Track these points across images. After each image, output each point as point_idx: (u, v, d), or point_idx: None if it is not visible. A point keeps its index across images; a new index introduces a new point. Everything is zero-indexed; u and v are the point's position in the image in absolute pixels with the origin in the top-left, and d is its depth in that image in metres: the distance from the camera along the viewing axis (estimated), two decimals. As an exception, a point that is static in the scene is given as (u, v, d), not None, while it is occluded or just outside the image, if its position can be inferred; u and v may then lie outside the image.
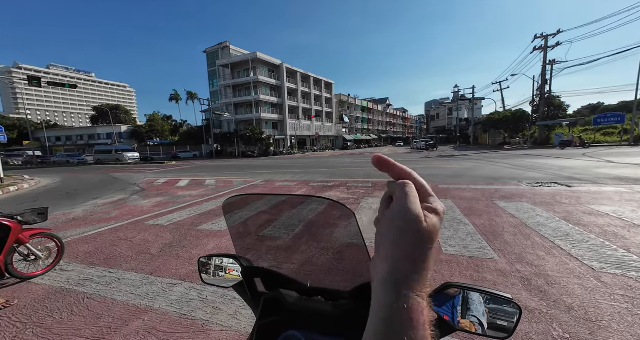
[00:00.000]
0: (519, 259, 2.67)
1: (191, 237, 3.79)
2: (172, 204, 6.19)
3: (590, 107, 63.06)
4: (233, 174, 12.53)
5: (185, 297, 2.25)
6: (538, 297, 2.00)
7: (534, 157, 14.51)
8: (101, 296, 2.33)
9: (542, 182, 6.88)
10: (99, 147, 33.77)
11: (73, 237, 3.99)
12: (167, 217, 4.97)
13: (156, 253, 3.26)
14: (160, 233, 4.05)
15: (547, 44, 27.29)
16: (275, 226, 1.04)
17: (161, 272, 2.75)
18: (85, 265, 2.99)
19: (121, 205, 6.44)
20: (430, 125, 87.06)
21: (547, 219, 3.84)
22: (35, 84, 16.12)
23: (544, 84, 28.49)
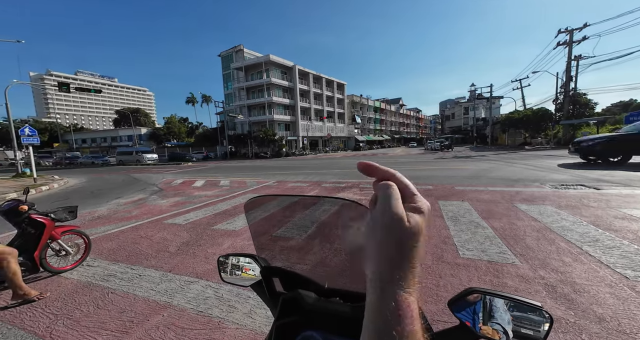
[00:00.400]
0: (543, 264, 2.54)
1: (207, 236, 3.89)
2: (188, 204, 6.39)
3: (622, 105, 59.14)
4: (246, 175, 12.76)
5: (202, 294, 2.31)
6: (565, 306, 1.90)
7: (558, 158, 13.79)
8: (124, 291, 2.43)
9: (567, 184, 6.52)
10: (120, 149, 35.43)
11: (98, 235, 4.20)
12: (184, 217, 5.13)
13: (174, 251, 3.38)
14: (178, 232, 4.19)
15: (572, 38, 25.91)
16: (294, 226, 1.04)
17: (179, 269, 2.84)
18: (109, 262, 3.14)
19: (141, 204, 6.72)
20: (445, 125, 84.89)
21: (574, 223, 3.63)
22: (64, 89, 17.17)
23: (569, 80, 27.04)
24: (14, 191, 9.01)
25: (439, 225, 3.88)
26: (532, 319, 0.56)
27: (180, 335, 1.81)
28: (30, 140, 13.37)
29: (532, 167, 10.26)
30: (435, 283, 2.32)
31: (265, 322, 1.90)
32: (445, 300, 2.05)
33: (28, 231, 2.62)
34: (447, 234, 3.47)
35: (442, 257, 2.83)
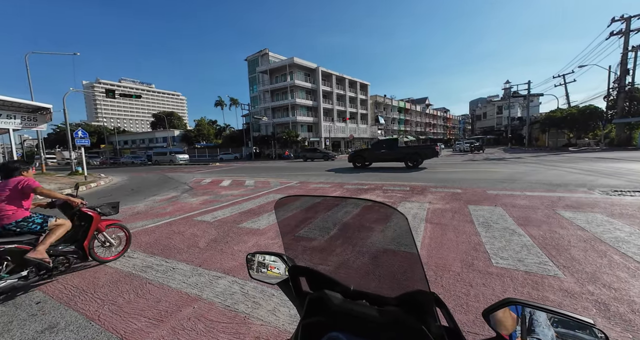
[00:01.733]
0: (592, 279, 2.29)
1: (233, 234, 4.05)
2: (216, 202, 6.71)
3: (690, 100, 51.42)
4: (270, 175, 13.10)
5: (228, 289, 2.41)
6: (620, 327, 1.69)
7: (610, 161, 12.35)
8: (159, 283, 2.61)
9: (622, 190, 5.82)
10: (156, 150, 38.31)
11: (137, 229, 4.56)
12: (212, 214, 5.39)
13: (203, 247, 3.56)
14: (207, 229, 4.41)
15: (629, 26, 23.13)
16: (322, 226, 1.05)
17: (208, 264, 2.99)
18: (147, 254, 3.40)
19: (174, 202, 7.19)
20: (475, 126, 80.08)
21: (630, 234, 3.23)
22: (110, 95, 18.96)
23: (624, 74, 24.15)
24: (69, 187, 10.12)
25: (469, 231, 3.67)
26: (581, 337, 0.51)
27: (210, 327, 1.91)
28: (83, 142, 14.93)
29: (578, 171, 9.30)
30: (465, 292, 2.19)
31: (289, 320, 1.93)
32: (476, 310, 1.93)
33: (79, 223, 2.93)
34: (477, 241, 3.27)
35: (473, 264, 2.67)
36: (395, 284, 0.71)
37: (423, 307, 0.61)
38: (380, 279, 0.80)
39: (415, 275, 0.62)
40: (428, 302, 0.61)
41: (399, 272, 0.73)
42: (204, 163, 31.00)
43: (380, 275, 0.80)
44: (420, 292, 0.62)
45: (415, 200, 5.82)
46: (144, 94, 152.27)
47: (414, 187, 7.46)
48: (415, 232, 3.73)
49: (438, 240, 3.36)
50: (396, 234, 0.75)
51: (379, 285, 0.79)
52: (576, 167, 10.57)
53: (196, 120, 62.09)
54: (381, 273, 0.81)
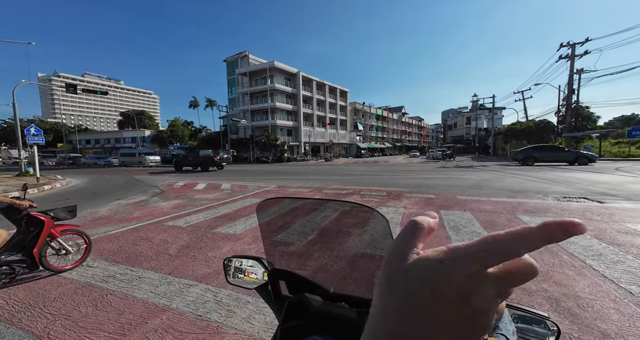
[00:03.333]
0: (546, 277, 2.51)
1: (207, 240, 3.88)
2: (189, 207, 6.39)
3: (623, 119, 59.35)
4: (247, 179, 12.78)
5: (201, 298, 2.29)
6: (568, 320, 1.87)
7: (561, 170, 13.74)
8: (123, 293, 2.42)
9: (571, 196, 6.49)
10: (123, 150, 35.75)
11: (98, 235, 4.20)
12: (184, 219, 5.12)
13: (174, 254, 3.36)
14: (179, 234, 4.18)
15: (574, 52, 26.21)
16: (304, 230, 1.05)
17: (179, 272, 2.82)
18: (109, 263, 3.13)
19: (142, 206, 6.73)
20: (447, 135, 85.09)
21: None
22: (71, 90, 17.44)
23: (571, 93, 27.21)
24: (16, 190, 9.05)
25: (441, 235, 3.86)
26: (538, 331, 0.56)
27: (179, 338, 1.79)
28: (36, 139, 13.51)
29: (535, 179, 10.23)
30: (436, 293, 2.29)
31: (264, 328, 1.88)
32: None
33: (26, 229, 2.63)
34: (448, 244, 3.44)
35: (444, 267, 2.80)
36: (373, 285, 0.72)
37: None
38: (359, 281, 0.81)
39: None
40: None
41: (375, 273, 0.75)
42: (176, 165, 29.42)
43: (359, 278, 0.82)
44: None
45: (392, 205, 6.01)
46: (111, 91, 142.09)
47: (390, 192, 7.71)
48: (391, 236, 3.84)
49: (412, 244, 3.49)
50: (377, 236, 0.77)
51: (359, 287, 0.81)
52: (533, 175, 11.61)
53: (169, 121, 59.10)
54: (360, 275, 0.83)
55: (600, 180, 9.38)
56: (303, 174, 15.46)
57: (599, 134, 25.92)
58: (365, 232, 0.81)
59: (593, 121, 29.30)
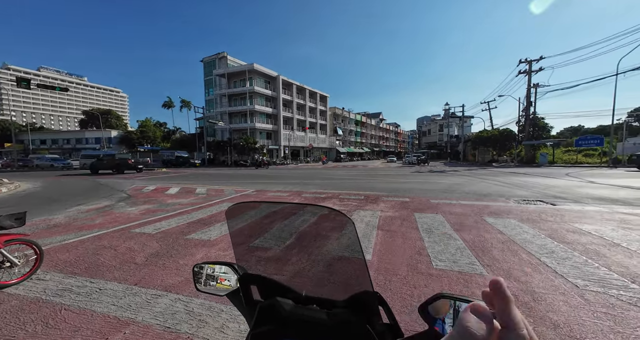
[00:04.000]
0: (507, 274, 2.71)
1: (179, 247, 3.69)
2: (160, 212, 6.04)
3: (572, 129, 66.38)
4: (224, 183, 12.38)
5: (170, 309, 2.17)
6: (525, 314, 2.03)
7: (521, 175, 14.98)
8: (80, 307, 2.21)
9: (529, 199, 7.09)
10: (85, 152, 32.93)
11: (53, 245, 3.81)
12: (154, 226, 4.83)
13: (141, 262, 3.15)
14: (147, 241, 3.93)
15: (531, 68, 28.97)
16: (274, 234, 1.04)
17: (146, 282, 2.65)
18: (65, 275, 2.85)
19: (106, 212, 6.23)
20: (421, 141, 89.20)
21: (533, 236, 3.94)
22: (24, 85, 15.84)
23: (529, 105, 29.95)
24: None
25: (414, 236, 4.01)
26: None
27: (144, 354, 1.68)
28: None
29: (499, 183, 11.05)
30: (409, 293, 2.38)
31: (238, 336, 1.82)
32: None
33: None
34: (421, 246, 3.60)
35: (417, 268, 2.92)
36: (345, 287, 0.74)
37: (368, 307, 0.66)
38: (331, 283, 0.83)
39: (362, 277, 0.67)
40: (372, 302, 0.66)
41: (348, 276, 0.77)
42: (147, 168, 27.72)
43: (331, 281, 0.84)
44: (366, 293, 0.66)
45: (369, 208, 6.15)
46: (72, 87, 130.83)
47: (368, 196, 7.89)
48: (368, 239, 3.93)
49: (388, 246, 3.60)
50: (346, 239, 0.79)
51: (330, 289, 0.83)
52: (497, 180, 12.54)
53: (140, 121, 55.69)
54: (333, 278, 0.84)
55: (553, 184, 10.38)
56: (282, 177, 15.30)
57: (552, 143, 28.74)
58: (337, 235, 0.83)
59: (547, 131, 32.44)
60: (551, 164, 26.48)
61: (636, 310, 2.05)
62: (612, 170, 18.70)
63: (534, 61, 28.61)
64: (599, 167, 22.30)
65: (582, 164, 25.74)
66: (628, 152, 23.76)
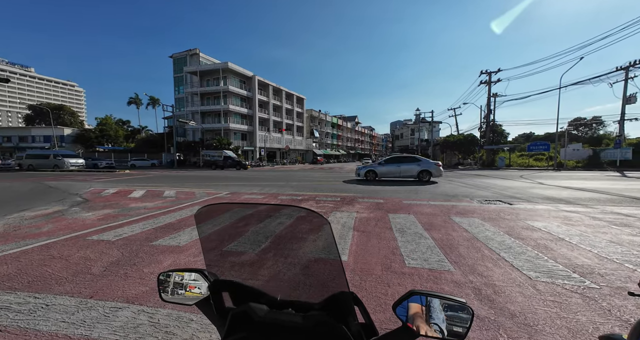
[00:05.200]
0: (472, 270, 2.91)
1: (144, 254, 3.42)
2: (122, 217, 5.56)
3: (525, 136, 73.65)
4: (196, 185, 11.78)
5: (132, 322, 1.99)
6: (487, 306, 2.19)
7: (483, 177, 16.24)
8: (20, 327, 1.95)
9: (489, 199, 7.70)
10: (31, 151, 29.34)
11: (-12, 256, 3.32)
12: (115, 232, 4.43)
13: (99, 273, 2.87)
14: (106, 249, 3.59)
15: (490, 79, 31.70)
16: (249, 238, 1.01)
17: (104, 294, 2.41)
18: (1, 291, 2.49)
19: (56, 218, 5.59)
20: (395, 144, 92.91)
21: (494, 233, 4.28)
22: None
23: (489, 113, 32.69)
24: None
25: (388, 236, 4.15)
26: (462, 316, 0.65)
27: (100, 375, 1.52)
28: None
29: (464, 185, 11.86)
30: (384, 292, 2.44)
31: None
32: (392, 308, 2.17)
33: None
34: (395, 245, 3.73)
35: (391, 267, 3.01)
36: (321, 289, 0.74)
37: (344, 308, 0.66)
38: (307, 286, 0.82)
39: (338, 278, 0.67)
40: (348, 302, 0.66)
41: (324, 277, 0.77)
42: (107, 170, 25.47)
43: (307, 283, 0.83)
44: (342, 293, 0.67)
45: (345, 210, 6.24)
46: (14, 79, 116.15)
47: (344, 198, 8.00)
48: (344, 240, 3.98)
49: (363, 247, 3.67)
50: (322, 241, 0.79)
51: (306, 292, 0.82)
52: (463, 181, 13.47)
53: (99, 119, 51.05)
54: (309, 281, 0.83)
55: (510, 186, 11.40)
56: (258, 179, 14.96)
57: (508, 148, 31.66)
58: (309, 236, 0.82)
59: (505, 137, 35.67)
60: (508, 166, 29.10)
61: (577, 297, 2.32)
62: (558, 172, 21.06)
63: (493, 73, 31.37)
64: (547, 169, 25.00)
65: (533, 167, 28.65)
66: (569, 157, 26.96)
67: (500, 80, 31.22)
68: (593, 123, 54.79)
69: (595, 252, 3.40)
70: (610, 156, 25.51)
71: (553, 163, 26.68)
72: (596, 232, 4.34)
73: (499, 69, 30.90)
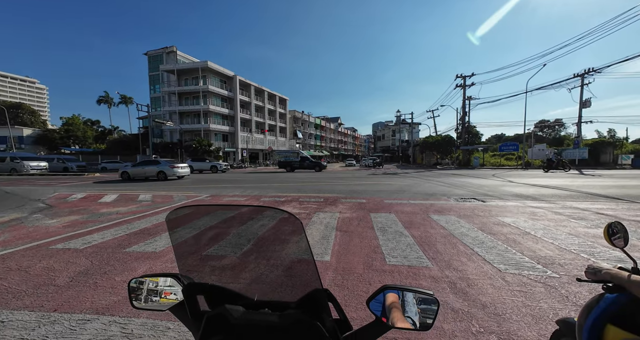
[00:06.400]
0: (448, 265, 3.05)
1: (116, 261, 3.23)
2: (92, 223, 5.22)
3: (496, 137, 78.26)
4: (174, 188, 11.31)
5: (102, 334, 1.88)
6: (461, 299, 2.31)
7: (459, 176, 17.04)
8: (-27, 348, 1.77)
9: (465, 197, 8.09)
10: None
11: None
12: (83, 239, 4.15)
13: (64, 284, 2.67)
14: (73, 259, 3.35)
15: (465, 82, 33.37)
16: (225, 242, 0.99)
17: (70, 307, 2.25)
18: (-50, 308, 2.25)
19: (14, 226, 5.13)
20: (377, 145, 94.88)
21: (468, 229, 4.51)
22: None
23: (464, 115, 34.38)
24: None
25: (370, 235, 4.23)
26: (432, 308, 0.68)
27: (65, 392, 1.42)
28: None
29: (442, 184, 12.37)
30: (365, 290, 2.49)
31: (187, 356, 1.67)
32: (373, 305, 2.22)
33: None
34: (376, 244, 3.81)
35: (372, 265, 3.08)
36: (296, 288, 0.75)
37: (318, 305, 0.67)
38: (282, 286, 0.83)
39: (312, 276, 0.68)
40: (322, 299, 0.68)
41: (299, 276, 0.78)
42: (75, 173, 23.75)
43: (282, 283, 0.83)
44: (316, 291, 0.68)
45: (328, 210, 6.28)
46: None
47: (327, 198, 8.05)
48: (327, 240, 4.01)
49: (345, 247, 3.72)
50: (295, 240, 0.80)
51: (282, 292, 0.82)
52: (441, 180, 14.04)
53: (65, 118, 47.50)
54: (284, 281, 0.84)
55: (483, 184, 12.06)
56: (240, 181, 14.64)
57: (482, 148, 33.48)
58: (281, 236, 0.83)
59: (479, 138, 37.71)
60: (482, 166, 30.75)
61: (540, 286, 2.51)
62: (525, 171, 22.58)
63: (468, 77, 33.06)
64: (516, 168, 26.72)
65: (504, 166, 30.50)
66: (535, 156, 29.04)
67: (474, 84, 32.97)
68: (556, 125, 59.50)
69: (556, 244, 3.69)
70: (570, 155, 27.78)
71: (521, 162, 28.57)
72: (557, 225, 4.71)
73: (473, 73, 32.64)
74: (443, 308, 2.11)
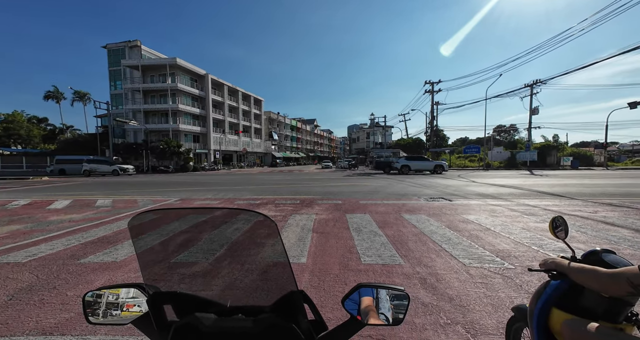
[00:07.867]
0: (419, 262, 3.20)
1: (68, 274, 2.91)
2: (38, 233, 4.65)
3: (461, 140, 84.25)
4: (138, 192, 10.50)
5: (51, 358, 1.67)
6: (431, 293, 2.43)
7: (429, 177, 18.02)
8: None
9: (434, 197, 8.58)
10: None
11: None
12: (26, 251, 3.68)
13: (2, 303, 2.34)
14: (12, 274, 2.95)
15: (433, 88, 35.54)
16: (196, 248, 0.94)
17: (7, 329, 1.97)
18: None
19: (-61, 239, 4.39)
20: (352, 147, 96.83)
21: (437, 227, 4.78)
22: None
23: (433, 119, 36.55)
24: None
25: (346, 236, 4.30)
26: (404, 304, 0.71)
27: None
28: None
29: (413, 184, 12.99)
30: (341, 290, 2.52)
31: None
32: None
33: None
34: (352, 244, 3.88)
35: (348, 265, 3.13)
36: (272, 291, 0.73)
37: (294, 307, 0.67)
38: (257, 290, 0.81)
39: (287, 278, 0.68)
40: (297, 301, 0.67)
41: (273, 279, 0.77)
42: (18, 177, 21.03)
43: (257, 287, 0.82)
44: (291, 293, 0.68)
45: (304, 212, 6.26)
46: None
47: (304, 200, 8.03)
48: (303, 242, 3.99)
49: (322, 248, 3.74)
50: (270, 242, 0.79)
51: (257, 296, 0.80)
52: (412, 181, 14.73)
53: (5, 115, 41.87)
54: (258, 285, 0.82)
55: (450, 184, 12.89)
56: (213, 184, 14.03)
57: (449, 150, 35.81)
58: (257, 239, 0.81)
59: (446, 141, 40.43)
60: (449, 167, 32.87)
61: (498, 277, 2.74)
62: (487, 172, 24.59)
63: (435, 83, 35.29)
64: (478, 169, 28.98)
65: (468, 167, 32.93)
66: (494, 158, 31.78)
67: (441, 90, 35.31)
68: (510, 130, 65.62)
69: (512, 238, 4.07)
70: (522, 158, 30.90)
71: (483, 164, 31.06)
72: (513, 221, 5.19)
73: (440, 80, 34.93)
74: (414, 303, 2.21)
